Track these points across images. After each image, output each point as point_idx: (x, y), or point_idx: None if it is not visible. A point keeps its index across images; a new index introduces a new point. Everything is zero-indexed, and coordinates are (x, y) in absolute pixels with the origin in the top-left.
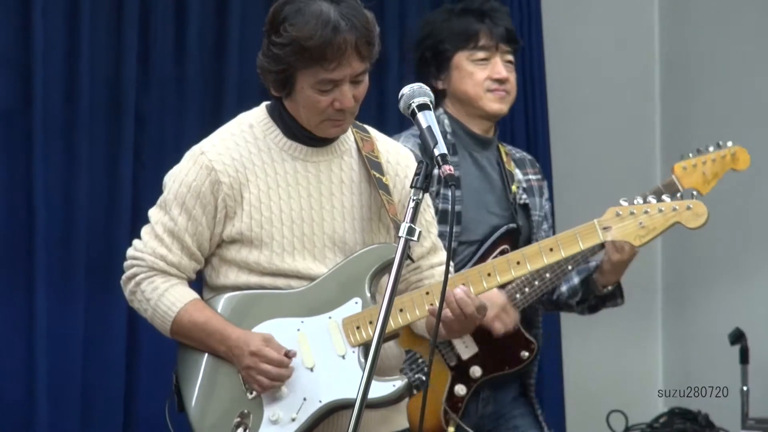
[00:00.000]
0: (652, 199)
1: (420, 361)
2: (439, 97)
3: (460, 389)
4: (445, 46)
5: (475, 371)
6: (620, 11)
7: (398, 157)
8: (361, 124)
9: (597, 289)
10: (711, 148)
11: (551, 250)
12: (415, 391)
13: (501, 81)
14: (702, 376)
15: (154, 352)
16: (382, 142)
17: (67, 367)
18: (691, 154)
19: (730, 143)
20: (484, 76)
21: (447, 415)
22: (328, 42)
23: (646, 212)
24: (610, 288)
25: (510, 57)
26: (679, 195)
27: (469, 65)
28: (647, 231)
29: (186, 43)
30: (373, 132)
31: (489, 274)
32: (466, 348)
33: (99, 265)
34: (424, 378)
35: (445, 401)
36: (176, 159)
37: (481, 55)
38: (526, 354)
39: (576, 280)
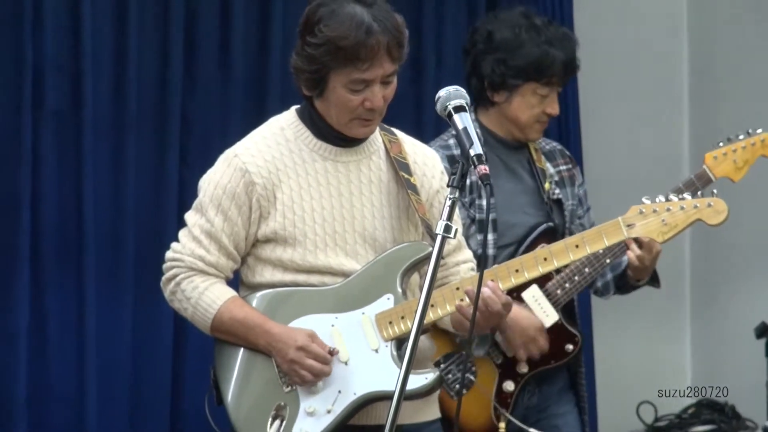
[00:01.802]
0: (673, 197)
1: (467, 365)
2: (486, 103)
3: (509, 385)
4: (520, 73)
5: (522, 367)
6: (649, 15)
7: (425, 158)
8: (388, 126)
9: (631, 283)
10: (741, 136)
11: (577, 246)
12: (464, 391)
13: (550, 117)
14: (729, 369)
15: (199, 348)
16: (408, 143)
17: (116, 363)
18: (721, 143)
19: (760, 130)
20: (541, 110)
21: (497, 412)
22: (361, 43)
23: (668, 210)
24: (644, 280)
25: (561, 87)
26: (699, 193)
27: (532, 97)
28: (669, 228)
29: (230, 46)
30: (400, 134)
31: (517, 270)
32: (512, 349)
33: (146, 264)
34: (473, 378)
35: (495, 397)
36: None
37: (545, 91)
38: (571, 347)
39: (609, 276)
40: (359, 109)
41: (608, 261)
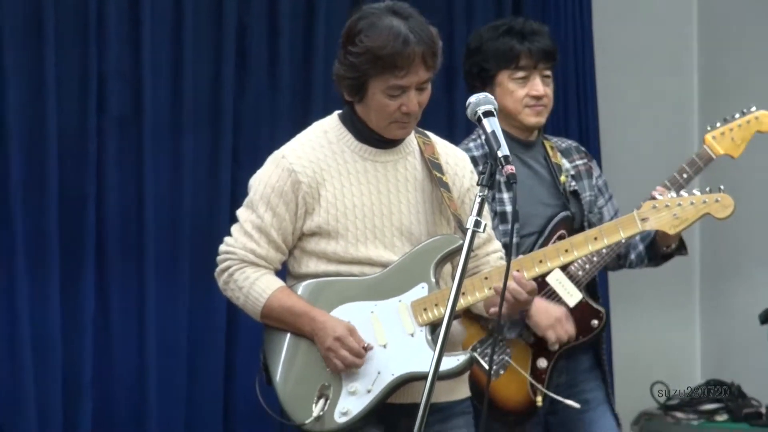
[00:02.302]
0: (684, 193)
1: (501, 344)
2: None
3: (542, 362)
4: (489, 65)
5: (553, 345)
6: (661, 22)
7: (456, 159)
8: (422, 130)
9: (661, 250)
10: (737, 115)
11: (595, 239)
12: (501, 371)
13: (538, 98)
14: (735, 352)
15: (250, 334)
16: (441, 145)
17: (174, 348)
18: (718, 123)
19: (753, 108)
20: (524, 93)
21: (533, 387)
22: (398, 52)
23: (679, 204)
24: (673, 246)
25: (548, 72)
26: (708, 189)
27: (510, 83)
28: (680, 221)
29: (277, 56)
30: (433, 137)
31: (540, 261)
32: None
33: (201, 256)
34: (508, 359)
35: (530, 374)
36: None
37: (521, 74)
38: (596, 322)
39: (641, 246)
40: (396, 113)
41: (623, 240)
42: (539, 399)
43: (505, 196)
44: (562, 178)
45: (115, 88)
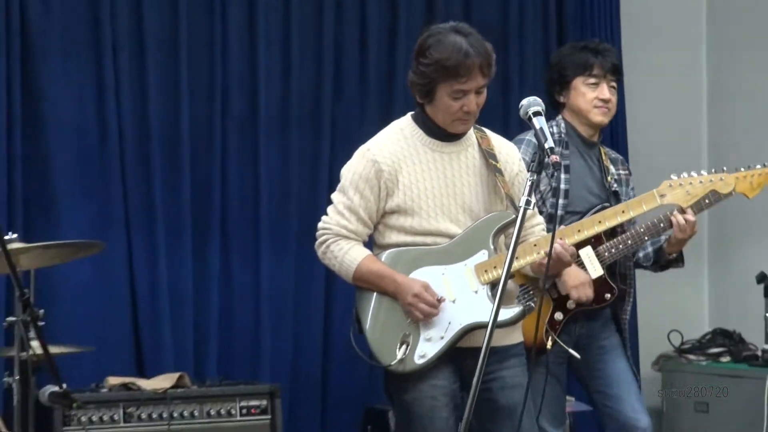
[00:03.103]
0: (694, 174)
1: (530, 293)
2: (561, 107)
3: (558, 315)
4: (568, 72)
5: (570, 304)
6: (674, 43)
7: (507, 149)
8: (480, 126)
9: (665, 256)
10: (758, 166)
11: (623, 211)
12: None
13: (605, 101)
14: (736, 306)
15: (344, 293)
16: (495, 138)
17: (283, 306)
18: (742, 168)
19: None
20: (594, 96)
21: (548, 333)
22: (461, 63)
23: (690, 183)
24: (674, 255)
25: (614, 84)
26: (713, 170)
27: (583, 87)
28: (692, 196)
29: (366, 68)
30: (488, 132)
31: (579, 230)
32: (565, 288)
33: (305, 231)
34: (533, 304)
35: (547, 323)
36: None
37: (592, 80)
38: (609, 296)
39: (650, 249)
40: (459, 112)
41: (647, 239)
42: (549, 343)
43: (563, 176)
44: (609, 178)
45: (235, 96)
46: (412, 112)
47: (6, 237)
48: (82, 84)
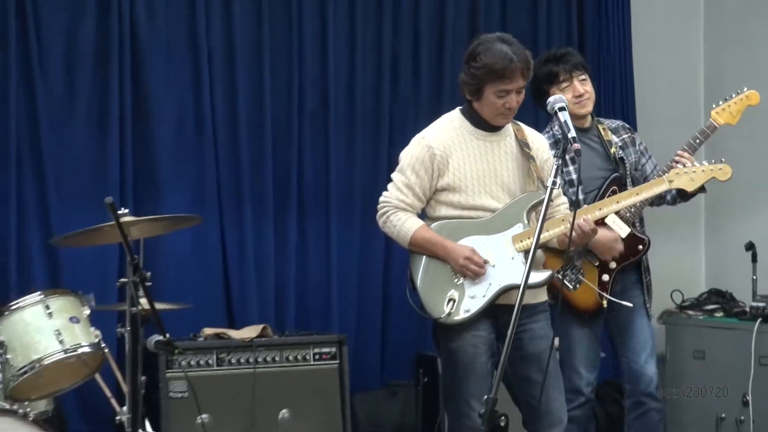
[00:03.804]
0: (696, 163)
1: (575, 269)
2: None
3: (605, 277)
4: (542, 85)
5: (611, 264)
6: (672, 46)
7: (538, 139)
8: (516, 120)
9: (688, 193)
10: (733, 95)
11: (637, 194)
12: (578, 285)
13: (579, 96)
14: (728, 269)
15: (400, 258)
16: (527, 130)
17: (348, 270)
18: (720, 102)
19: (745, 88)
20: (570, 96)
21: (601, 296)
22: (506, 67)
23: (694, 171)
24: (696, 189)
25: (583, 76)
26: (713, 161)
27: (558, 92)
28: (695, 182)
29: (419, 73)
30: (523, 125)
31: (599, 209)
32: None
33: (368, 207)
34: (582, 277)
35: (598, 286)
36: None
37: (564, 84)
38: (641, 247)
39: (674, 190)
40: (502, 108)
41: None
42: (604, 302)
43: (571, 168)
44: (612, 150)
45: (309, 94)
46: (460, 107)
47: (119, 212)
48: (182, 84)
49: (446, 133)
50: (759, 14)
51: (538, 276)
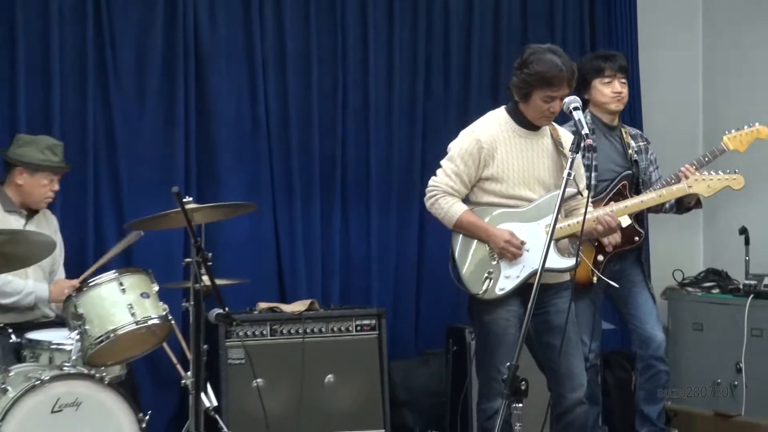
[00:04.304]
0: (713, 173)
1: (575, 246)
2: (586, 103)
3: (600, 257)
4: (587, 76)
5: (608, 248)
6: (673, 50)
7: (568, 138)
8: (551, 122)
9: (684, 204)
10: (745, 127)
11: (660, 196)
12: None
13: (618, 93)
14: (724, 251)
15: (432, 242)
16: (561, 131)
17: (386, 247)
18: (734, 130)
19: (756, 123)
20: (609, 91)
21: (593, 272)
22: (556, 76)
23: (711, 179)
24: (692, 204)
25: (624, 79)
26: (728, 171)
27: (600, 85)
28: (711, 189)
29: (449, 76)
30: (557, 126)
31: (626, 206)
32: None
33: (404, 196)
34: (581, 256)
35: (592, 264)
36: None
37: (606, 80)
38: (637, 238)
39: (673, 200)
40: (546, 112)
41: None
42: (595, 278)
43: (593, 155)
44: (630, 151)
45: (351, 93)
46: (505, 106)
47: (184, 200)
48: (239, 85)
49: (493, 129)
50: (753, 39)
51: (565, 262)
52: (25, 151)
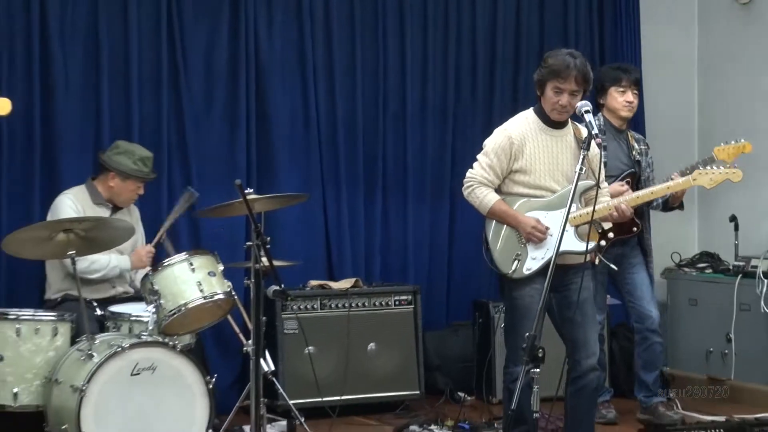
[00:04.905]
0: (714, 167)
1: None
2: (600, 107)
3: (603, 242)
4: (605, 83)
5: (611, 235)
6: (671, 63)
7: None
8: (575, 122)
9: (669, 204)
10: (733, 141)
11: (668, 188)
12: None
13: (630, 102)
14: (716, 236)
15: (461, 229)
16: (583, 130)
17: (422, 236)
18: (723, 143)
19: (742, 140)
20: (623, 99)
21: (596, 254)
22: (563, 69)
23: (713, 173)
24: (676, 204)
25: (636, 91)
26: (728, 165)
27: (615, 93)
28: (714, 182)
29: (476, 83)
30: (579, 125)
31: (637, 197)
32: (606, 226)
33: (437, 188)
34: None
35: (596, 247)
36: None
37: (621, 89)
38: (635, 229)
39: (660, 200)
40: (556, 105)
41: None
42: (597, 260)
43: (603, 153)
44: (634, 152)
45: (391, 99)
46: (533, 107)
47: (246, 191)
48: (293, 92)
49: (523, 127)
50: (739, 58)
51: (583, 246)
52: (121, 159)
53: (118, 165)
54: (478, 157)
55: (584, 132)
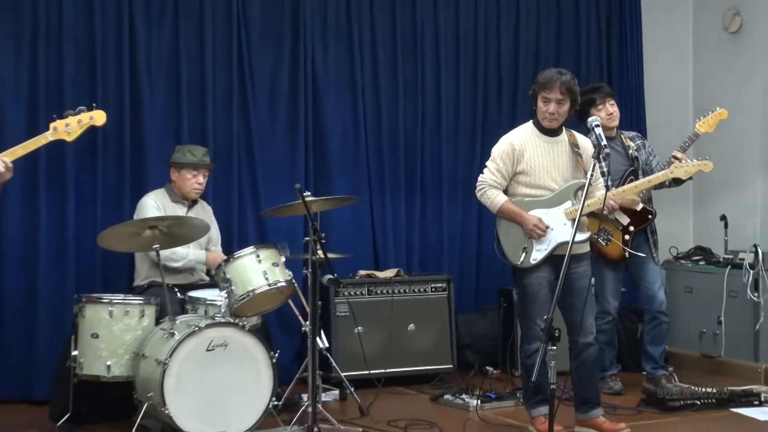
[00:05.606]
0: (688, 160)
1: (606, 231)
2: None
3: (627, 237)
4: (584, 108)
5: (631, 228)
6: (668, 75)
7: (585, 142)
8: (569, 129)
9: (681, 181)
10: (710, 112)
11: (649, 181)
12: (605, 243)
13: (610, 114)
14: (708, 233)
15: (486, 226)
16: (578, 136)
17: (455, 233)
18: (702, 116)
19: (718, 108)
20: (604, 114)
21: (624, 249)
22: (548, 81)
23: (688, 165)
24: (687, 178)
25: (612, 101)
26: (701, 158)
27: (596, 112)
28: (688, 173)
29: (501, 94)
30: (574, 132)
31: (636, 186)
32: (624, 220)
33: (467, 191)
34: (611, 237)
35: (621, 242)
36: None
37: (599, 107)
38: (650, 216)
39: (672, 179)
40: (546, 113)
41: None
42: (626, 254)
43: (603, 164)
44: (630, 151)
45: (428, 115)
46: (532, 119)
47: (305, 194)
48: (345, 109)
49: (523, 135)
50: (730, 64)
51: (582, 236)
52: (176, 156)
53: (173, 159)
54: (487, 163)
55: (579, 138)
